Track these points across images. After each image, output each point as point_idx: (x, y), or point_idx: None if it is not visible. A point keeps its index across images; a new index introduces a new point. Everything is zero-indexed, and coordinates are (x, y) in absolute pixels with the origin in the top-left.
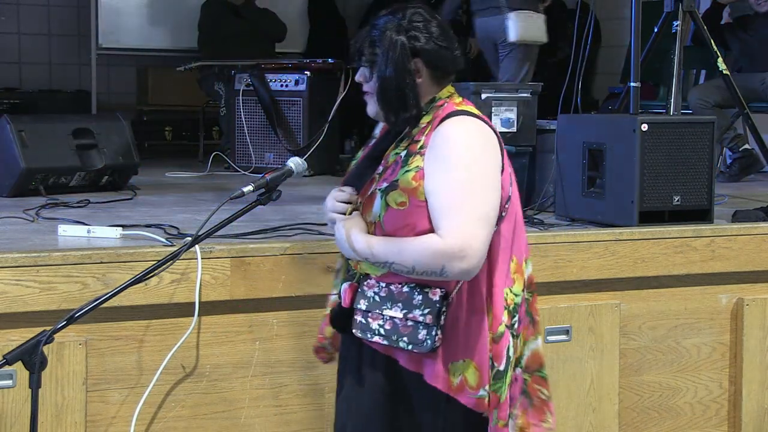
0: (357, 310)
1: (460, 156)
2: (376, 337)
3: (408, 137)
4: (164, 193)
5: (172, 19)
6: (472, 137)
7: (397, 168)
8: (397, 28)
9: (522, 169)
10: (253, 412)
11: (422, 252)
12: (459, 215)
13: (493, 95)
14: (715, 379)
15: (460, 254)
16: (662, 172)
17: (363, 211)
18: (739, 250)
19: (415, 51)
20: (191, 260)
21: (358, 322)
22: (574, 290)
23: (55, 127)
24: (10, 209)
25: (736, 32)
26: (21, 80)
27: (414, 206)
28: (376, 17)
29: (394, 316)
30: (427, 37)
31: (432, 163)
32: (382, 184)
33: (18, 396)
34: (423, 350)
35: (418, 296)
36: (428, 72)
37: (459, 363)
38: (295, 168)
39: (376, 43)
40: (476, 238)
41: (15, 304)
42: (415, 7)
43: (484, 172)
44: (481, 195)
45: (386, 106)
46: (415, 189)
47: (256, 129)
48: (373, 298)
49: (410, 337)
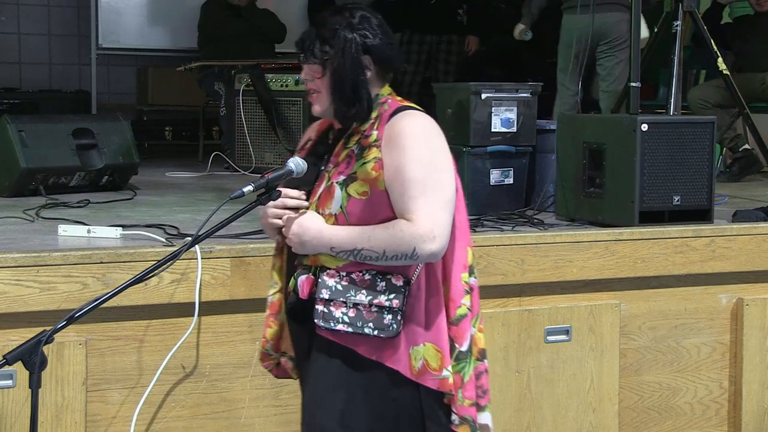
0: (318, 299)
1: (419, 145)
2: (340, 324)
3: (357, 133)
4: (164, 193)
5: (172, 19)
6: (427, 129)
7: (352, 162)
8: (349, 26)
9: (522, 169)
10: (253, 412)
11: (393, 236)
12: (425, 199)
13: (493, 95)
14: (715, 379)
15: (431, 235)
16: (662, 172)
17: (319, 206)
18: (739, 250)
19: (366, 48)
20: (191, 260)
21: (320, 311)
22: (574, 290)
23: (55, 127)
24: (10, 209)
25: (736, 32)
26: (21, 80)
27: (375, 195)
28: (320, 16)
29: (359, 302)
30: (375, 34)
31: (392, 153)
32: (339, 177)
33: (18, 396)
34: (389, 335)
35: (381, 282)
36: (375, 68)
37: (420, 347)
38: (295, 168)
39: (328, 41)
40: (443, 220)
41: (15, 304)
42: (358, 7)
43: (443, 159)
44: (442, 181)
45: (341, 100)
46: (375, 179)
47: (256, 129)
48: (335, 287)
49: (375, 323)
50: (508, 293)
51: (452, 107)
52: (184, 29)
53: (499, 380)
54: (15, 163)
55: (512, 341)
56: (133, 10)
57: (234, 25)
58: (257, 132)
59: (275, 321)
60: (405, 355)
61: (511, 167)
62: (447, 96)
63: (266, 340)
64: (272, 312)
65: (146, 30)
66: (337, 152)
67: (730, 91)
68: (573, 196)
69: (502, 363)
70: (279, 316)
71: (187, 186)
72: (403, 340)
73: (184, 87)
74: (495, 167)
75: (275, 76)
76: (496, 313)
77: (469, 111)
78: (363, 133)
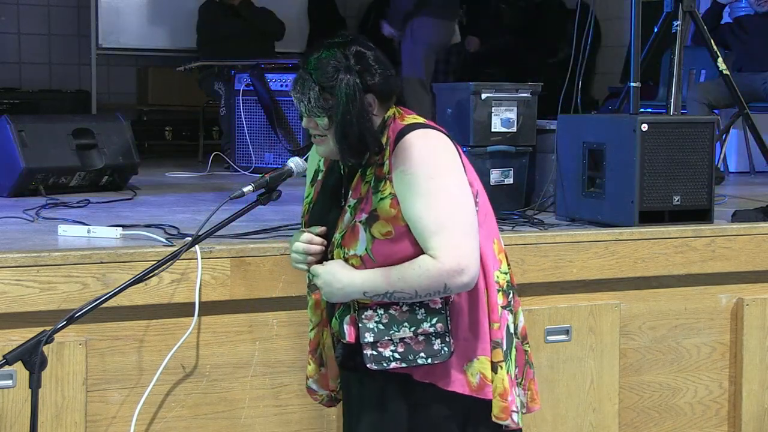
0: (365, 344)
1: (425, 177)
2: (393, 363)
3: (372, 164)
4: (164, 193)
5: (172, 19)
6: (429, 150)
7: (370, 196)
8: (347, 69)
9: (522, 169)
10: (253, 412)
11: (421, 276)
12: (445, 232)
13: (493, 95)
14: (715, 379)
15: (458, 269)
16: (662, 172)
17: (344, 245)
18: (739, 250)
19: (367, 88)
20: (191, 260)
21: (369, 356)
22: (574, 290)
23: (55, 127)
24: (10, 209)
25: (736, 32)
26: (21, 80)
27: (399, 233)
28: (310, 58)
29: (404, 336)
30: (374, 72)
31: (402, 188)
32: (362, 216)
33: (18, 396)
34: (443, 359)
35: (421, 310)
36: (378, 102)
37: (474, 362)
38: (295, 168)
39: (328, 90)
40: (468, 249)
41: (15, 304)
42: (351, 42)
43: (453, 181)
44: (458, 206)
45: (347, 149)
46: (395, 217)
47: (256, 129)
48: (377, 327)
49: (426, 351)
50: None
51: (452, 107)
52: (184, 29)
53: None
54: (15, 163)
55: None
56: (133, 10)
57: (232, 24)
58: (257, 132)
59: (313, 359)
60: (460, 373)
61: (511, 167)
62: (447, 96)
63: (308, 376)
64: (310, 349)
65: (146, 30)
66: (357, 185)
67: (730, 91)
68: (573, 196)
69: None
70: (316, 353)
71: (187, 186)
72: (455, 359)
73: (184, 87)
74: (495, 167)
75: (275, 76)
76: None
77: (469, 111)
78: (377, 162)
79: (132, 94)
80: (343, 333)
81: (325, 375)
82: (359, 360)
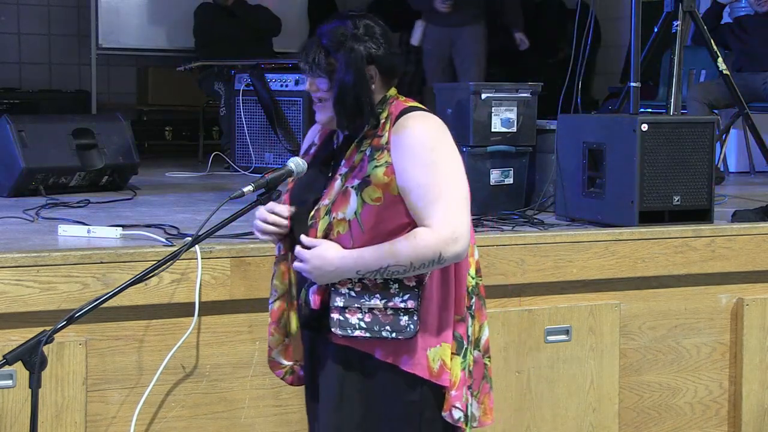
0: (333, 308)
1: (427, 149)
2: (357, 331)
3: (369, 136)
4: (164, 193)
5: (171, 19)
6: (432, 129)
7: (365, 164)
8: (354, 38)
9: (522, 169)
10: (253, 412)
11: (417, 246)
12: (441, 203)
13: (493, 95)
14: (715, 379)
15: (453, 237)
16: (662, 172)
17: (334, 210)
18: (739, 250)
19: (370, 59)
20: (191, 260)
21: (335, 320)
22: (574, 290)
23: (55, 127)
24: (10, 209)
25: (736, 32)
26: (21, 80)
27: (389, 201)
28: (323, 26)
29: (374, 306)
30: (380, 44)
31: (401, 160)
32: (354, 182)
33: (18, 396)
34: (407, 336)
35: (395, 285)
36: (380, 77)
37: (437, 348)
38: (295, 168)
39: (333, 53)
40: (462, 219)
41: (15, 304)
42: (362, 16)
43: (452, 159)
44: (454, 181)
45: (343, 113)
46: (387, 184)
47: (256, 129)
48: (348, 293)
49: (393, 325)
50: (508, 293)
51: (452, 107)
52: (184, 29)
53: (499, 380)
54: (15, 163)
55: (512, 341)
56: (133, 10)
57: (228, 25)
58: (257, 132)
59: (277, 329)
60: (423, 357)
61: (511, 167)
62: (447, 96)
63: (270, 348)
64: (273, 320)
65: (146, 30)
66: (351, 155)
67: (730, 91)
68: (573, 196)
69: (502, 363)
70: (280, 324)
71: (187, 186)
72: (419, 341)
73: (184, 87)
74: (495, 167)
75: (275, 76)
76: (496, 313)
77: (469, 111)
78: (376, 133)
79: (132, 94)
80: (308, 301)
81: (288, 345)
82: (324, 323)
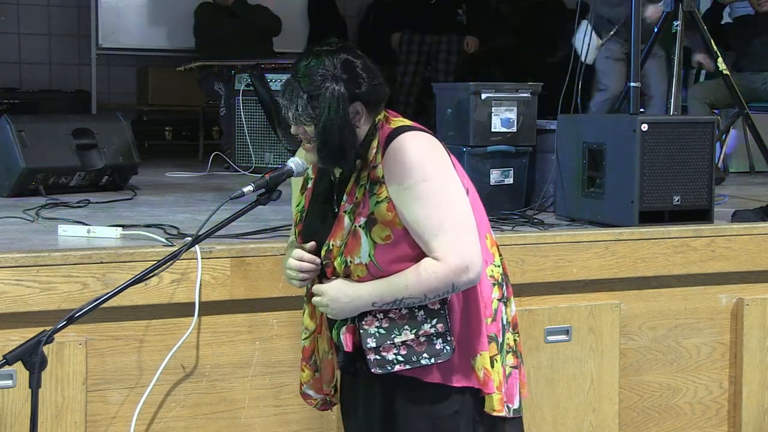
0: (367, 349)
1: (418, 180)
2: (397, 366)
3: (365, 168)
4: (164, 193)
5: (172, 19)
6: (419, 152)
7: (367, 199)
8: (333, 78)
9: (522, 169)
10: (253, 412)
11: (428, 279)
12: (446, 233)
13: (493, 95)
14: (715, 379)
15: (463, 267)
16: (662, 172)
17: (347, 253)
18: (739, 250)
19: (354, 96)
20: (191, 260)
21: (373, 360)
22: (574, 290)
23: (55, 127)
24: (10, 209)
25: (736, 32)
26: (21, 80)
27: (398, 236)
28: (298, 66)
29: (406, 339)
30: (361, 81)
31: (396, 196)
32: (360, 220)
33: (18, 396)
34: (445, 358)
35: (420, 312)
36: (366, 110)
37: (478, 357)
38: (295, 168)
39: (315, 98)
40: (469, 245)
41: (15, 304)
42: (339, 50)
43: (446, 179)
44: (453, 204)
45: (328, 158)
46: (392, 220)
47: (256, 129)
48: (378, 332)
49: (429, 351)
50: None
51: (452, 107)
52: (184, 29)
53: None
54: (15, 163)
55: None
56: (133, 10)
57: (228, 24)
58: (257, 132)
59: (307, 365)
60: (468, 370)
61: (511, 167)
62: (447, 96)
63: (302, 383)
64: (304, 357)
65: (146, 30)
66: (351, 190)
67: (730, 91)
68: (573, 196)
69: None
70: (311, 361)
71: (187, 186)
72: (459, 357)
73: (184, 87)
74: (495, 167)
75: (275, 76)
76: None
77: (469, 111)
78: (370, 165)
79: (132, 94)
80: (341, 343)
81: (318, 380)
82: (359, 365)
